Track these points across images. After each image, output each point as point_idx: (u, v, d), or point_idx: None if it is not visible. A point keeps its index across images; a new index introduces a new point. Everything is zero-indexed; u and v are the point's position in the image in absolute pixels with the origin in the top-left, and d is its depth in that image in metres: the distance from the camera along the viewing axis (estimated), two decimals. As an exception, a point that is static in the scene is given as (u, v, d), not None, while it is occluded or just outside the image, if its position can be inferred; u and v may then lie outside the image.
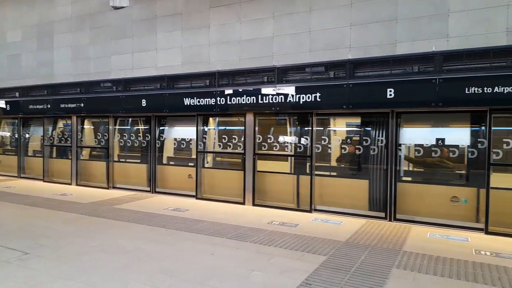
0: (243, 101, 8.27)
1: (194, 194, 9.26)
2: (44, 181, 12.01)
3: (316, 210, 7.81)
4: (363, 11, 7.42)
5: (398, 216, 7.03)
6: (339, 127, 8.15)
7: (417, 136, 7.30)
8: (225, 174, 9.15)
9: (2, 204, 8.44)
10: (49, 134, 12.26)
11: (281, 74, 7.93)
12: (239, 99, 8.32)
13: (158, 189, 9.96)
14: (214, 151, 9.29)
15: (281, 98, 7.84)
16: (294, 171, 8.36)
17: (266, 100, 8.01)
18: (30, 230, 6.30)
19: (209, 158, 9.49)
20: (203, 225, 6.65)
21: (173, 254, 5.14)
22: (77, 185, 11.31)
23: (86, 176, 11.36)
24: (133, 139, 10.57)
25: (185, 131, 9.88)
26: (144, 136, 10.34)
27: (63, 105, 11.28)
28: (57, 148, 12.20)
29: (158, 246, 5.49)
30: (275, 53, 8.33)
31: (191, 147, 9.69)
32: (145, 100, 9.70)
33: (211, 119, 9.39)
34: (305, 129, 8.07)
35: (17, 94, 12.51)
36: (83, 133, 11.47)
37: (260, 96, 8.09)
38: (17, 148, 13.01)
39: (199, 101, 8.85)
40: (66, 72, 11.66)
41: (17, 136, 13.06)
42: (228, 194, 8.94)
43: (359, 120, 7.62)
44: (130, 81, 10.12)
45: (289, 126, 8.42)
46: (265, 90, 8.03)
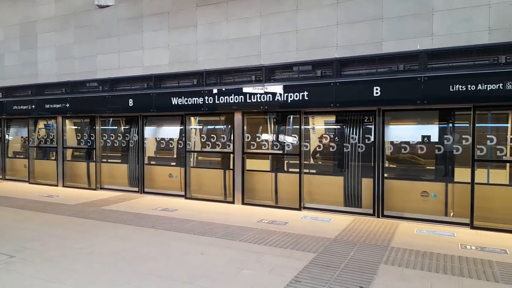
0: (231, 100, 8.26)
1: (183, 194, 9.21)
2: (29, 183, 11.80)
3: (305, 208, 7.85)
4: (349, 10, 7.48)
5: (386, 212, 7.12)
6: (326, 125, 8.21)
7: (401, 133, 7.39)
8: (214, 173, 9.12)
9: (-15, 207, 8.27)
10: (34, 135, 12.05)
11: (268, 73, 7.94)
12: (227, 98, 8.31)
13: (146, 190, 9.88)
14: (203, 150, 9.26)
15: (269, 97, 7.85)
16: (284, 169, 8.40)
17: (254, 99, 8.02)
18: (15, 233, 6.18)
19: (198, 157, 9.46)
20: (192, 225, 6.62)
21: (162, 254, 5.11)
22: (64, 186, 11.15)
23: (72, 177, 11.19)
24: (121, 139, 10.46)
25: (173, 131, 9.83)
26: (132, 136, 10.24)
27: (48, 106, 11.09)
28: (42, 149, 12.00)
29: (147, 246, 5.45)
30: (262, 52, 8.34)
31: (180, 146, 9.63)
32: (132, 100, 9.61)
33: (198, 118, 9.36)
34: (293, 127, 8.10)
35: (0, 94, 12.24)
36: (69, 133, 11.30)
37: (248, 95, 8.09)
38: (1, 149, 12.74)
39: (187, 101, 8.80)
40: (50, 72, 11.46)
41: (0, 137, 12.80)
42: (217, 193, 8.93)
43: (347, 118, 7.67)
44: (116, 81, 10.00)
45: (277, 125, 8.44)
46: (253, 89, 8.03)
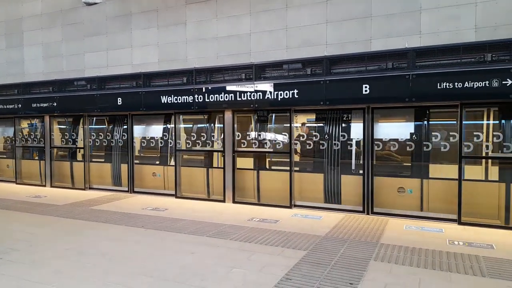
0: (221, 98, 8.23)
1: (173, 193, 9.17)
2: (16, 183, 11.62)
3: (296, 205, 7.88)
4: (339, 8, 7.51)
5: (375, 209, 7.18)
6: (317, 123, 8.23)
7: (388, 131, 7.48)
8: (205, 172, 9.09)
9: (-29, 208, 8.12)
10: (21, 134, 11.86)
11: (259, 71, 7.93)
12: (217, 97, 8.28)
13: (136, 189, 9.81)
14: (192, 149, 9.21)
15: (259, 95, 7.85)
16: (273, 167, 8.41)
17: (244, 97, 8.00)
18: (2, 234, 6.08)
19: (187, 156, 9.42)
20: (183, 224, 6.60)
21: (153, 254, 5.08)
22: (52, 186, 11.00)
23: (61, 177, 11.05)
24: (109, 138, 10.35)
25: (162, 130, 9.77)
26: (121, 135, 10.14)
27: (35, 105, 10.92)
28: (30, 149, 11.81)
29: (137, 246, 5.41)
30: (252, 50, 8.33)
31: (170, 145, 9.58)
32: (121, 98, 9.51)
33: (188, 117, 9.31)
34: (284, 125, 8.12)
35: (-14, 94, 12.02)
36: (56, 133, 11.15)
37: (238, 93, 8.07)
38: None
39: (176, 99, 8.74)
40: (37, 70, 11.28)
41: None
42: (208, 192, 8.91)
43: (338, 116, 7.71)
44: (105, 79, 9.88)
45: (267, 123, 8.44)
46: (243, 87, 8.02)
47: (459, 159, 6.50)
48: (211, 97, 8.34)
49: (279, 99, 7.66)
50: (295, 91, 7.51)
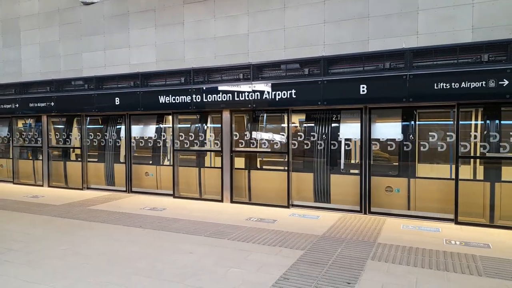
0: (219, 98, 8.23)
1: (171, 193, 9.16)
2: (14, 183, 11.58)
3: (293, 205, 7.89)
4: (336, 8, 7.52)
5: (372, 209, 7.20)
6: (312, 123, 8.24)
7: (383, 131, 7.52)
8: (202, 172, 9.09)
9: (-32, 208, 8.09)
10: (18, 134, 11.82)
11: (256, 71, 7.94)
12: (215, 97, 8.28)
13: (134, 189, 9.79)
14: (190, 149, 9.20)
15: (257, 95, 7.85)
16: (271, 167, 8.42)
17: (242, 97, 8.01)
18: (-1, 234, 6.07)
19: (185, 156, 9.41)
20: (181, 224, 6.59)
21: (150, 254, 5.08)
22: (49, 186, 10.97)
23: (58, 177, 11.02)
24: (107, 138, 10.33)
25: (159, 130, 9.75)
26: (118, 135, 10.12)
27: (32, 104, 10.89)
28: (27, 149, 11.77)
29: (134, 246, 5.41)
30: (250, 50, 8.33)
31: (168, 145, 9.57)
32: (118, 98, 9.49)
33: (186, 117, 9.30)
34: (281, 125, 8.13)
35: (-18, 93, 11.97)
36: (54, 133, 11.12)
37: (236, 93, 8.08)
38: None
39: (174, 99, 8.73)
40: (34, 70, 11.25)
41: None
42: (206, 192, 8.91)
43: (335, 116, 7.72)
44: (102, 79, 9.87)
45: (265, 123, 8.45)
46: (241, 87, 8.02)
47: (456, 159, 6.53)
48: (209, 97, 8.34)
49: (277, 99, 7.66)
50: (293, 91, 7.52)
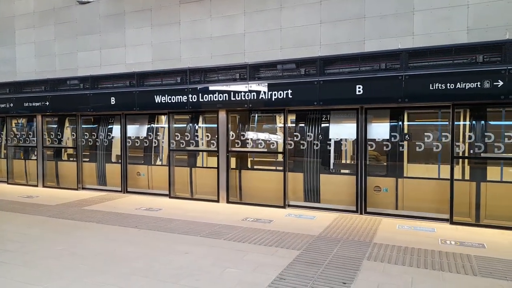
0: (216, 98, 8.22)
1: (167, 193, 9.13)
2: (8, 183, 11.50)
3: (289, 205, 7.90)
4: (332, 9, 7.54)
5: (368, 209, 7.22)
6: (311, 123, 8.26)
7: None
8: (199, 172, 9.08)
9: (-38, 208, 8.02)
10: (13, 134, 11.74)
11: (253, 71, 7.94)
12: (211, 96, 8.26)
13: (129, 189, 9.76)
14: (186, 149, 9.18)
15: (254, 95, 7.85)
16: (266, 167, 8.43)
17: (238, 97, 8.00)
18: (-7, 235, 6.02)
19: (180, 156, 9.39)
20: (177, 224, 6.58)
21: (146, 254, 5.06)
22: (44, 186, 10.90)
23: (53, 177, 10.95)
24: (102, 138, 10.28)
25: (155, 130, 9.73)
26: (113, 134, 10.07)
27: (27, 104, 10.81)
28: (21, 148, 11.69)
29: (130, 247, 5.39)
30: (247, 50, 8.33)
31: (163, 145, 9.54)
32: (114, 98, 9.45)
33: (182, 116, 9.28)
34: (278, 125, 8.14)
35: (-23, 92, 11.87)
36: (49, 132, 11.05)
37: (232, 93, 8.07)
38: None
39: (170, 99, 8.71)
40: (29, 69, 11.18)
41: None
42: (202, 192, 8.90)
43: (331, 116, 7.75)
44: (98, 78, 9.82)
45: (261, 123, 8.45)
46: (237, 87, 8.02)
47: (451, 159, 6.56)
48: (205, 97, 8.33)
49: (273, 99, 7.67)
50: (289, 91, 7.53)
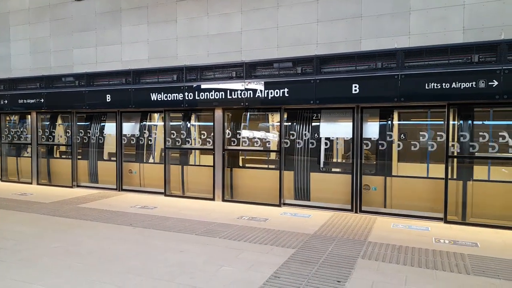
0: (212, 96, 8.20)
1: (162, 191, 9.11)
2: (2, 181, 11.43)
3: (285, 204, 7.91)
4: (329, 8, 7.55)
5: (363, 208, 7.25)
6: (307, 122, 8.28)
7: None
8: (195, 170, 9.07)
9: (-45, 206, 7.96)
10: (7, 131, 11.66)
11: (249, 69, 7.93)
12: (207, 95, 8.25)
13: (125, 187, 9.73)
14: (182, 147, 9.16)
15: (250, 93, 7.84)
16: (262, 166, 8.43)
17: (235, 95, 7.99)
18: (-13, 232, 5.98)
19: (176, 154, 9.37)
20: (172, 222, 6.57)
21: (141, 252, 5.05)
22: (38, 184, 10.84)
23: (48, 174, 10.89)
24: (98, 135, 10.24)
25: (150, 127, 9.70)
26: (109, 132, 10.02)
27: (21, 101, 10.73)
28: (16, 145, 11.62)
29: (125, 245, 5.37)
30: (243, 49, 8.32)
31: (159, 143, 9.51)
32: (109, 95, 9.41)
33: (179, 114, 9.26)
34: (274, 124, 8.14)
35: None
36: (44, 130, 10.99)
37: (229, 91, 8.06)
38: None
39: (166, 97, 8.68)
40: (24, 66, 11.10)
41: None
42: (197, 190, 8.89)
43: (326, 115, 7.76)
44: (94, 76, 9.77)
45: (258, 121, 8.45)
46: (234, 85, 8.01)
47: (446, 159, 6.60)
48: (202, 95, 8.31)
49: (270, 98, 7.66)
50: (286, 90, 7.53)
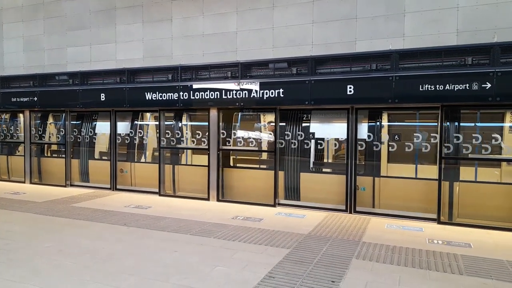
0: (207, 96, 8.19)
1: (157, 191, 9.08)
2: (-6, 180, 11.33)
3: (280, 204, 7.92)
4: (324, 9, 7.58)
5: (358, 208, 7.28)
6: (304, 123, 8.30)
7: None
8: (190, 170, 9.04)
9: None
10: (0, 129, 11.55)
11: (244, 69, 7.93)
12: (202, 94, 8.23)
13: (119, 186, 9.67)
14: (176, 146, 9.14)
15: (245, 93, 7.84)
16: (257, 166, 8.44)
17: (230, 95, 7.98)
18: (-22, 232, 5.92)
19: (173, 153, 9.34)
20: (166, 222, 6.55)
21: (135, 252, 5.03)
22: (32, 183, 10.75)
23: (41, 173, 10.80)
24: (92, 134, 10.17)
25: (144, 127, 9.66)
26: (103, 131, 9.96)
27: (14, 99, 10.63)
28: (8, 144, 11.51)
29: (119, 245, 5.35)
30: (239, 49, 8.32)
31: (153, 143, 9.48)
32: (104, 94, 9.35)
33: (173, 114, 9.24)
34: (270, 124, 8.15)
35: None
36: (37, 128, 10.89)
37: (224, 91, 8.05)
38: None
39: (161, 96, 8.65)
40: (17, 64, 11.00)
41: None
42: (192, 190, 8.87)
43: (323, 115, 7.79)
44: (88, 74, 9.70)
45: (253, 121, 8.45)
46: (229, 85, 8.00)
47: (439, 160, 6.65)
48: (197, 94, 8.30)
49: (265, 98, 7.67)
50: (281, 90, 7.54)
